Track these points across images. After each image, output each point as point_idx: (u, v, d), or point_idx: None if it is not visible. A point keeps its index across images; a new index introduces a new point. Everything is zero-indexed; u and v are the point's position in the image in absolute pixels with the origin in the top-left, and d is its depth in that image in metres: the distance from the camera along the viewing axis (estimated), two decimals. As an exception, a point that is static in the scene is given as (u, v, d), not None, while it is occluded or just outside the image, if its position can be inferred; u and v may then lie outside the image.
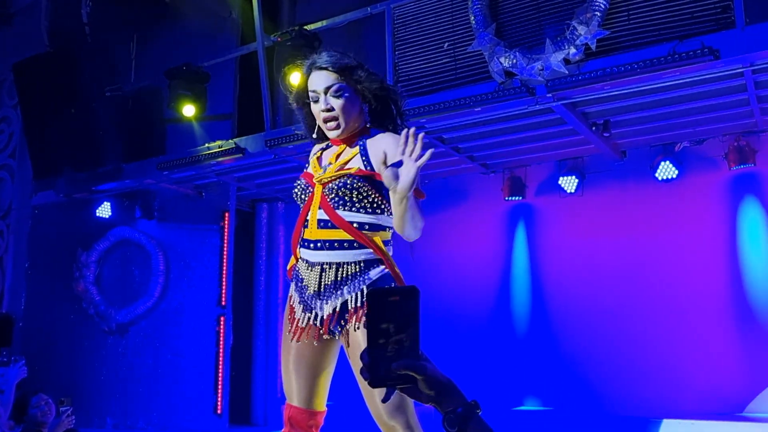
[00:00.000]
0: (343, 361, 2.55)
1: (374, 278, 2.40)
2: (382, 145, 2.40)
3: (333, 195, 2.41)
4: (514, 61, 4.86)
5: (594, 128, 5.44)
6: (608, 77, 4.59)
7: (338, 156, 2.51)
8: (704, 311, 5.69)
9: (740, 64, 4.39)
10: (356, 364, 2.40)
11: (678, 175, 5.75)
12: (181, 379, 7.12)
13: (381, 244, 2.42)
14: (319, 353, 2.48)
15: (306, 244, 2.46)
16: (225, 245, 7.16)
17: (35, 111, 7.16)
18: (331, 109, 2.46)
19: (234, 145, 6.21)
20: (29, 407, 4.46)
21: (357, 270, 2.40)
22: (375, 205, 2.41)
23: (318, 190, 2.45)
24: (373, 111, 2.54)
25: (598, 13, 4.57)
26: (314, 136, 2.61)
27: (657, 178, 5.81)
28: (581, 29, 4.61)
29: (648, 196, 6.02)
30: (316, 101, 2.49)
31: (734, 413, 5.45)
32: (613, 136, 5.71)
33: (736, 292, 5.64)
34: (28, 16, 7.86)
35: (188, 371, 7.09)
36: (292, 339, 2.48)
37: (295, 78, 6.01)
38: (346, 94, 2.48)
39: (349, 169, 2.42)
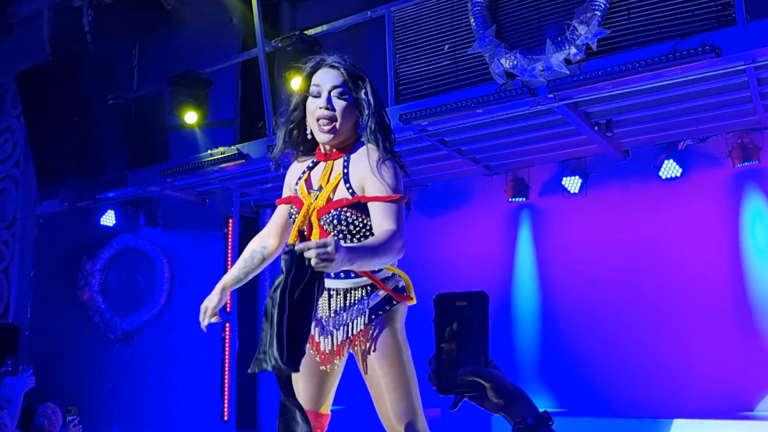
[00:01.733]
0: (349, 365, 2.56)
1: (372, 303, 2.41)
2: (362, 169, 2.35)
3: (330, 228, 2.35)
4: (515, 62, 4.86)
5: (596, 128, 5.43)
6: (609, 77, 4.58)
7: (328, 178, 2.41)
8: (710, 309, 5.67)
9: (742, 62, 4.37)
10: (373, 384, 2.42)
11: (682, 174, 5.72)
12: (187, 385, 7.12)
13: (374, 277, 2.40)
14: (328, 372, 2.52)
15: None
16: (229, 251, 7.16)
17: (39, 120, 7.18)
18: (332, 109, 2.35)
19: (236, 151, 6.21)
20: (36, 416, 4.47)
21: (363, 294, 2.40)
22: (371, 235, 2.36)
23: (314, 219, 2.38)
24: (366, 127, 2.41)
25: (598, 13, 4.56)
26: (299, 154, 2.53)
27: (661, 177, 5.79)
28: (581, 29, 4.61)
29: (652, 195, 6.00)
30: (317, 96, 2.37)
31: (742, 412, 5.43)
32: (616, 136, 5.70)
33: (742, 289, 5.62)
34: (29, 26, 7.89)
35: (194, 378, 7.09)
36: (323, 365, 2.48)
37: (296, 83, 6.04)
38: (350, 101, 2.38)
39: (339, 201, 2.36)
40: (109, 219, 7.43)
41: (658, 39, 4.50)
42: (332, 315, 2.42)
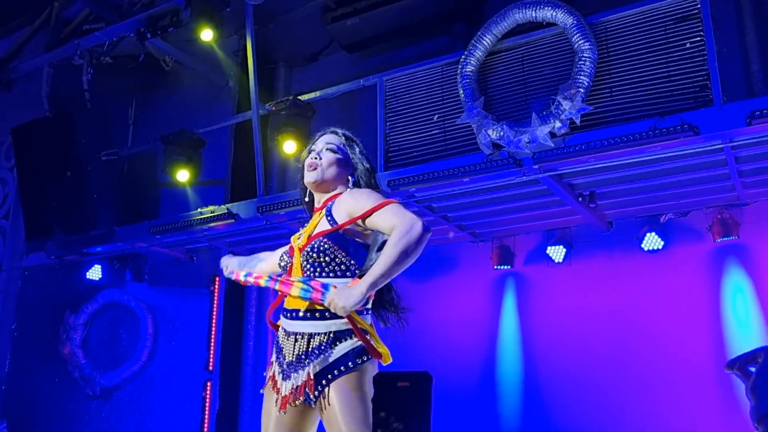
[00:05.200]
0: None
1: (337, 355, 2.30)
2: (343, 202, 2.46)
3: (306, 262, 2.41)
4: (502, 133, 5.01)
5: (580, 199, 5.55)
6: (593, 150, 4.73)
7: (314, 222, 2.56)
8: (692, 380, 5.67)
9: (719, 140, 4.53)
10: None
11: (664, 246, 5.83)
12: (164, 446, 7.00)
13: (354, 314, 2.30)
14: (299, 420, 2.43)
15: (285, 313, 2.45)
16: (215, 309, 7.15)
17: (31, 174, 7.23)
18: (318, 158, 2.56)
19: (226, 211, 6.28)
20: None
21: (325, 341, 2.32)
22: (344, 267, 2.38)
23: (297, 258, 2.46)
24: (356, 184, 2.59)
25: (582, 90, 4.74)
26: (306, 200, 2.69)
27: (643, 249, 5.88)
28: (566, 104, 4.77)
29: (634, 267, 6.07)
30: (312, 152, 2.60)
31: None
32: (600, 207, 5.81)
33: (723, 362, 5.65)
34: (28, 81, 8.01)
35: (172, 438, 6.97)
36: (279, 410, 2.38)
37: (288, 146, 6.18)
38: (339, 155, 2.58)
39: (318, 233, 2.44)
40: (95, 273, 7.42)
41: (639, 116, 4.68)
42: (294, 360, 2.36)
